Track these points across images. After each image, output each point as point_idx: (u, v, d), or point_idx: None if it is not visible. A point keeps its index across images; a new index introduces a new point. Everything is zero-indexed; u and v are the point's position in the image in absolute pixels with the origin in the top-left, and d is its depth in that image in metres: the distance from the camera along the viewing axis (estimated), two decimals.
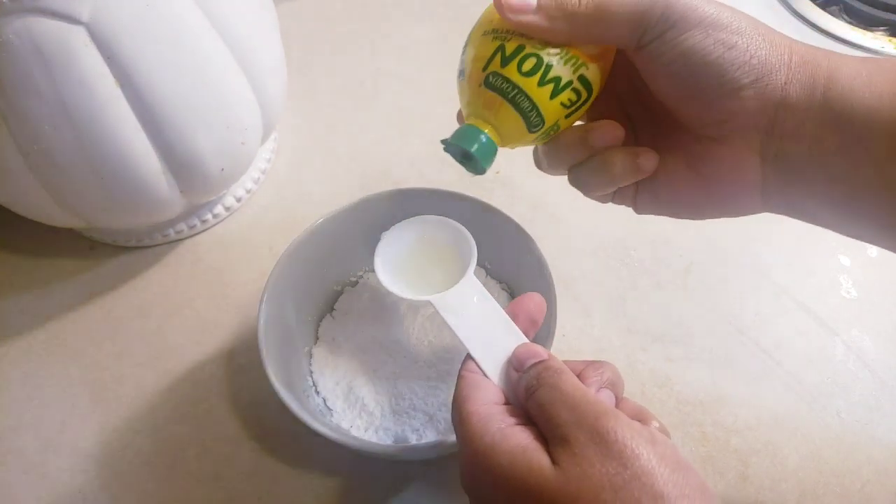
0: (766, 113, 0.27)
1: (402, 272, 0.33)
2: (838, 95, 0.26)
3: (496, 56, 0.28)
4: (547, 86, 0.28)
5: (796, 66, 0.26)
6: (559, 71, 0.28)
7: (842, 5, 0.63)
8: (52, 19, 0.35)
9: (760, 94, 0.26)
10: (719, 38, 0.26)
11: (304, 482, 0.40)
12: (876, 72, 0.26)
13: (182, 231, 0.50)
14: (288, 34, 0.50)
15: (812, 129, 0.26)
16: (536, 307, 0.31)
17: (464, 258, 0.33)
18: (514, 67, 0.28)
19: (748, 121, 0.27)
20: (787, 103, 0.26)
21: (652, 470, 0.23)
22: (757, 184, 0.28)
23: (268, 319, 0.38)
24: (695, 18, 0.26)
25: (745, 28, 0.26)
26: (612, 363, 0.30)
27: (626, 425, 0.24)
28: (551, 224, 0.50)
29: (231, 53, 0.41)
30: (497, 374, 0.29)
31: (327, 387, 0.41)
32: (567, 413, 0.25)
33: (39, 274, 0.50)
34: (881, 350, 0.44)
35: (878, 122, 0.25)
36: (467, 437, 0.26)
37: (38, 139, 0.37)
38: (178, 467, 0.41)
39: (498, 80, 0.28)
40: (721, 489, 0.38)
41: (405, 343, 0.41)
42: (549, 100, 0.28)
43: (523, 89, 0.28)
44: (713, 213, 0.30)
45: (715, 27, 0.26)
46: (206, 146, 0.42)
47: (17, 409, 0.43)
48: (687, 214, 0.31)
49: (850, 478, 0.39)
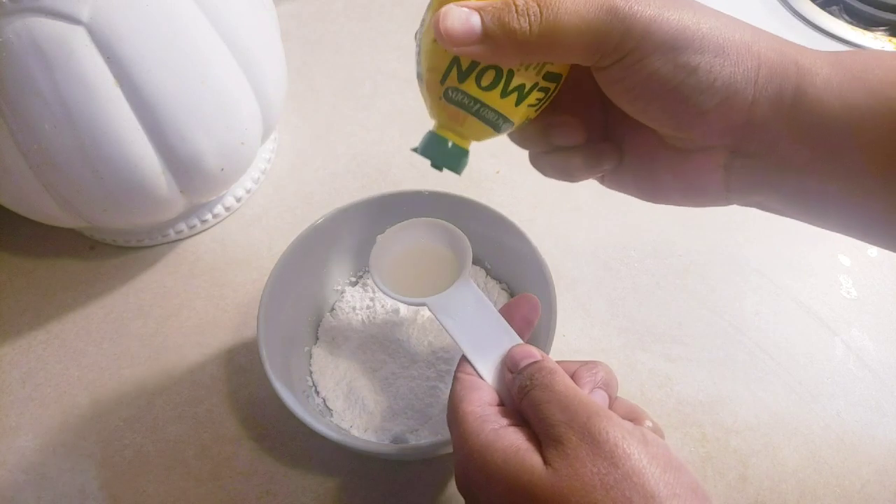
0: (733, 133, 0.26)
1: (397, 275, 0.33)
2: (808, 110, 0.24)
3: (452, 70, 0.26)
4: (511, 95, 0.26)
5: (764, 80, 0.24)
6: (522, 78, 0.26)
7: (842, 5, 0.63)
8: (52, 19, 0.35)
9: (725, 116, 0.25)
10: (680, 62, 0.24)
11: (304, 482, 0.40)
12: (847, 79, 0.24)
13: (182, 231, 0.50)
14: (288, 34, 0.50)
15: (780, 146, 0.25)
16: (531, 308, 0.31)
17: (459, 260, 0.33)
18: (473, 82, 0.26)
19: (713, 140, 0.26)
20: (754, 122, 0.25)
21: (643, 469, 0.23)
22: (721, 188, 0.28)
23: (268, 319, 0.38)
24: (655, 42, 0.24)
25: (708, 43, 0.24)
26: (605, 363, 0.30)
27: (617, 425, 0.24)
28: (551, 224, 0.50)
29: (231, 53, 0.41)
30: (492, 376, 0.29)
31: (327, 387, 0.41)
32: (559, 413, 0.25)
33: (39, 274, 0.50)
34: (881, 350, 0.44)
35: (850, 136, 0.24)
36: (462, 438, 0.26)
37: (38, 139, 0.37)
38: (177, 467, 0.41)
39: (458, 96, 0.26)
40: (721, 489, 0.38)
41: (405, 343, 0.41)
42: (514, 107, 0.27)
43: (486, 103, 0.26)
44: (680, 202, 0.30)
45: (676, 49, 0.24)
46: (206, 146, 0.42)
47: (17, 409, 0.43)
48: (653, 200, 0.30)
49: (850, 478, 0.39)
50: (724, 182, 0.27)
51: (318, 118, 0.58)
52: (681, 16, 0.24)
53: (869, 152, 0.24)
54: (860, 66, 0.24)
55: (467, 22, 0.24)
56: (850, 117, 0.24)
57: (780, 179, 0.26)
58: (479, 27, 0.24)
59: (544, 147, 0.29)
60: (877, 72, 0.24)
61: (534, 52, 0.25)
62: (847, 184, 0.25)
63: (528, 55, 0.25)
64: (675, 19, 0.24)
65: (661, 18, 0.24)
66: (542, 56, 0.25)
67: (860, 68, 0.24)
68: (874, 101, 0.24)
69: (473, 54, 0.25)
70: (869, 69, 0.24)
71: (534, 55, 0.25)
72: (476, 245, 0.45)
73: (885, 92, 0.23)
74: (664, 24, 0.24)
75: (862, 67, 0.24)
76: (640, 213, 0.51)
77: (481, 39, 0.24)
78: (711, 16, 0.25)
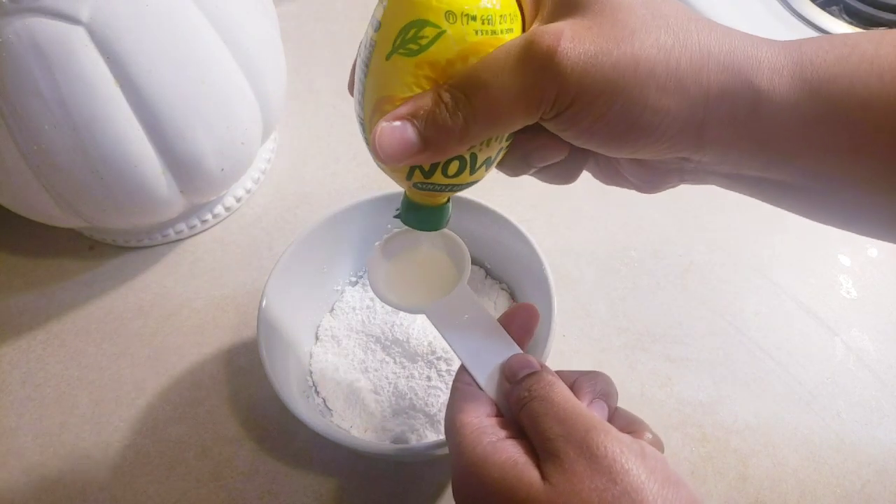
0: (685, 150, 0.25)
1: (395, 282, 0.32)
2: (762, 129, 0.24)
3: (414, 171, 0.25)
4: (479, 169, 0.26)
5: (715, 103, 0.23)
6: (487, 152, 0.26)
7: (842, 5, 0.63)
8: (52, 19, 0.35)
9: (675, 142, 0.24)
10: (619, 111, 0.23)
11: (304, 482, 0.40)
12: (805, 97, 0.23)
13: (182, 231, 0.50)
14: (288, 34, 0.50)
15: (731, 156, 0.25)
16: (530, 317, 0.31)
17: (458, 266, 0.32)
18: (440, 175, 0.26)
19: (664, 157, 0.26)
20: (704, 140, 0.24)
21: (641, 486, 0.23)
22: (677, 181, 0.29)
23: (268, 319, 0.38)
24: (592, 93, 0.23)
25: (652, 81, 0.23)
26: (605, 373, 0.30)
27: (615, 439, 0.24)
28: (551, 224, 0.50)
29: (231, 53, 0.41)
30: (490, 385, 0.29)
31: (327, 387, 0.41)
32: (557, 426, 0.25)
33: (39, 274, 0.50)
34: (881, 350, 0.44)
35: (806, 148, 0.24)
36: (458, 450, 0.26)
37: (38, 139, 0.37)
38: (178, 467, 0.41)
39: (427, 186, 0.26)
40: (721, 489, 0.38)
41: (405, 343, 0.41)
42: (485, 172, 0.27)
43: (458, 184, 0.26)
44: (640, 191, 0.30)
45: (616, 94, 0.23)
46: (206, 146, 0.42)
47: (17, 409, 0.43)
48: (611, 185, 0.31)
49: (850, 478, 0.39)
50: (679, 179, 0.28)
51: (318, 118, 0.58)
52: (619, 54, 0.22)
53: (822, 160, 0.24)
54: (824, 75, 0.23)
55: (402, 138, 0.24)
56: (808, 134, 0.23)
57: (733, 182, 0.27)
58: (416, 139, 0.24)
59: (526, 172, 0.29)
60: (841, 82, 0.23)
61: (479, 136, 0.24)
62: (805, 182, 0.25)
63: (474, 140, 0.24)
64: (610, 63, 0.22)
65: (595, 66, 0.22)
66: (489, 135, 0.24)
67: (824, 77, 0.23)
68: (834, 117, 0.23)
69: (422, 162, 0.25)
70: (833, 79, 0.23)
71: (480, 138, 0.24)
72: (476, 245, 0.45)
73: (845, 108, 0.23)
74: (599, 73, 0.22)
75: (827, 77, 0.23)
76: (640, 213, 0.51)
77: (423, 148, 0.24)
78: (653, 39, 0.23)
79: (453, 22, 0.23)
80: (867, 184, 0.24)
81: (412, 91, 0.24)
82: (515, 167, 0.28)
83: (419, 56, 0.23)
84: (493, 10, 0.23)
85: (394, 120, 0.24)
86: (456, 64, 0.23)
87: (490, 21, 0.23)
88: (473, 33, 0.23)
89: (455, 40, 0.23)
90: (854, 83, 0.23)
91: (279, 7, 0.49)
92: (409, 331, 0.42)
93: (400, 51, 0.23)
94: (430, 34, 0.23)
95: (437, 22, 0.23)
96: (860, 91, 0.23)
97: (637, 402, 0.42)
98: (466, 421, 0.27)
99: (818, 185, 0.25)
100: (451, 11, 0.23)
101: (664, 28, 0.23)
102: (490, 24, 0.23)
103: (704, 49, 0.23)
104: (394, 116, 0.24)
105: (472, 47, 0.23)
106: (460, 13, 0.23)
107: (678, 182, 0.29)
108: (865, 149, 0.23)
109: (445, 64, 0.23)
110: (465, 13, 0.23)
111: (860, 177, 0.24)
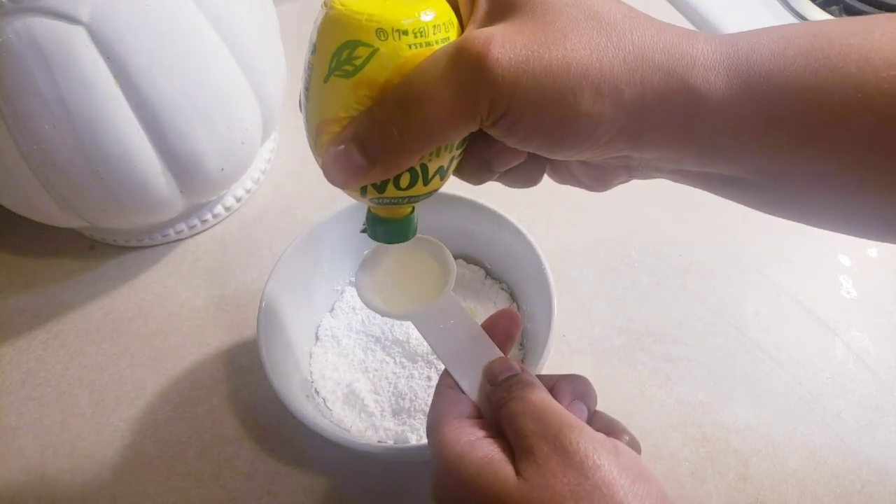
0: (627, 149, 0.25)
1: (381, 290, 0.33)
2: (700, 132, 0.24)
3: (367, 188, 0.26)
4: (434, 179, 0.26)
5: (651, 105, 0.23)
6: (439, 161, 0.25)
7: (842, 5, 0.63)
8: (52, 19, 0.35)
9: (614, 144, 0.24)
10: (554, 117, 0.23)
11: (304, 482, 0.40)
12: (743, 98, 0.23)
13: (182, 231, 0.50)
14: (288, 34, 0.50)
15: (670, 155, 0.25)
16: (512, 322, 0.31)
17: (443, 274, 0.33)
18: (393, 188, 0.25)
19: (607, 164, 0.26)
20: (643, 140, 0.24)
21: (612, 481, 0.23)
22: (626, 177, 0.29)
23: (268, 319, 0.38)
24: (526, 100, 0.22)
25: (585, 85, 0.22)
26: (585, 376, 0.30)
27: (588, 437, 0.25)
28: (551, 224, 0.50)
29: (231, 53, 0.41)
30: (473, 388, 0.29)
31: (327, 387, 0.41)
32: (533, 424, 0.25)
33: (39, 274, 0.50)
34: (881, 350, 0.44)
35: (738, 154, 0.24)
36: (437, 449, 0.27)
37: (38, 139, 0.37)
38: (178, 467, 0.41)
39: (384, 200, 0.26)
40: (721, 489, 0.38)
41: (405, 343, 0.41)
42: (441, 181, 0.27)
43: (414, 195, 0.26)
44: (590, 189, 0.31)
45: (550, 103, 0.22)
46: (206, 146, 0.42)
47: (17, 409, 0.43)
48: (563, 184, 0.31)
49: (849, 478, 0.39)
50: (627, 175, 0.29)
51: None
52: (550, 58, 0.22)
53: (763, 157, 0.24)
54: (760, 71, 0.23)
55: (347, 161, 0.24)
56: (746, 132, 0.23)
57: (681, 178, 0.27)
58: (361, 160, 0.24)
59: (490, 178, 0.29)
60: (776, 79, 0.23)
61: (421, 149, 0.24)
62: (752, 178, 0.25)
63: (418, 153, 0.24)
64: (542, 68, 0.22)
65: (527, 71, 0.22)
66: (431, 146, 0.24)
67: (760, 74, 0.23)
68: (770, 115, 0.23)
69: (373, 180, 0.25)
70: (768, 75, 0.23)
71: (424, 150, 0.24)
72: (476, 245, 0.45)
73: (781, 105, 0.23)
74: (531, 78, 0.22)
75: (762, 73, 0.23)
76: (640, 214, 0.51)
77: (370, 167, 0.24)
78: (586, 40, 0.22)
79: (385, 39, 0.22)
80: (814, 178, 0.24)
81: (354, 111, 0.24)
82: (478, 175, 0.28)
83: (356, 77, 0.23)
84: (425, 22, 0.23)
85: (338, 144, 0.24)
86: (393, 80, 0.23)
87: (423, 33, 0.23)
88: (407, 48, 0.23)
89: (389, 57, 0.23)
90: (789, 80, 0.23)
91: (279, 7, 0.49)
92: (410, 331, 0.42)
93: (336, 73, 0.23)
94: (363, 54, 0.23)
95: (368, 41, 0.22)
96: (795, 87, 0.22)
97: (637, 402, 0.42)
98: (447, 421, 0.27)
99: (765, 180, 0.25)
100: (381, 29, 0.22)
101: (596, 28, 0.23)
102: (423, 37, 0.23)
103: (639, 49, 0.23)
104: (337, 140, 0.24)
105: (408, 62, 0.23)
106: (391, 29, 0.22)
107: (627, 178, 0.29)
108: (806, 145, 0.23)
109: (384, 82, 0.23)
110: (396, 29, 0.23)
111: (803, 172, 0.24)
